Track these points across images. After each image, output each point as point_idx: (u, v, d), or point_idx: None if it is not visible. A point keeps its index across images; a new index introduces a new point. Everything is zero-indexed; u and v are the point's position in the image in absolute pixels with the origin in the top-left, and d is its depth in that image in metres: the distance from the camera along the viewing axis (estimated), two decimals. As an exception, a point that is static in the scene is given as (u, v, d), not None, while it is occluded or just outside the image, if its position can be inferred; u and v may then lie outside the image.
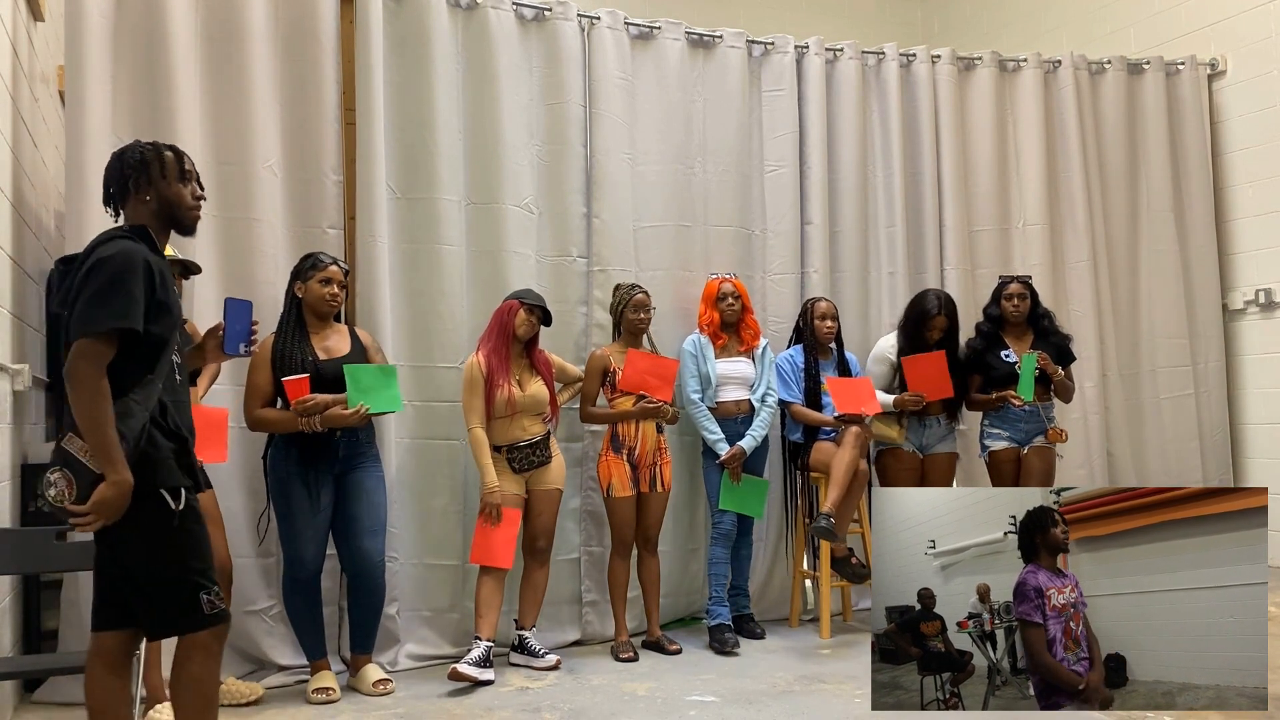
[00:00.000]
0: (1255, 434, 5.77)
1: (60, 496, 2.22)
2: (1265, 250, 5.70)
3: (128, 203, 2.48)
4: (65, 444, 2.23)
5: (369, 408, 3.61)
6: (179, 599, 2.32)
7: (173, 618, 2.34)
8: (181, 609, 2.33)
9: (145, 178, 2.46)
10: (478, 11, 4.40)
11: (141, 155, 2.48)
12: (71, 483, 2.21)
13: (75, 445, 2.22)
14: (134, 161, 2.48)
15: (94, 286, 2.25)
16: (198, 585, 2.33)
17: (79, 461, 2.21)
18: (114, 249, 2.31)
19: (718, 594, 4.35)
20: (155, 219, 2.47)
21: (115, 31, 3.81)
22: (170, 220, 2.50)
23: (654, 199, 4.71)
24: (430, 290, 4.22)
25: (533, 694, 3.68)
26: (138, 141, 2.52)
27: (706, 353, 4.41)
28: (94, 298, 2.24)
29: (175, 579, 2.32)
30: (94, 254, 2.31)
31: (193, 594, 2.32)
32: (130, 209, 2.48)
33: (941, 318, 4.56)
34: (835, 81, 5.14)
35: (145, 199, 2.45)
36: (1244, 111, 5.81)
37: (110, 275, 2.26)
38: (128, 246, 2.32)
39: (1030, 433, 4.63)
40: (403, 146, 4.23)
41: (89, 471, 2.21)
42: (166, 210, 2.49)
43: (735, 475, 4.33)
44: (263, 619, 3.89)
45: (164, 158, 2.49)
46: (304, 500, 3.62)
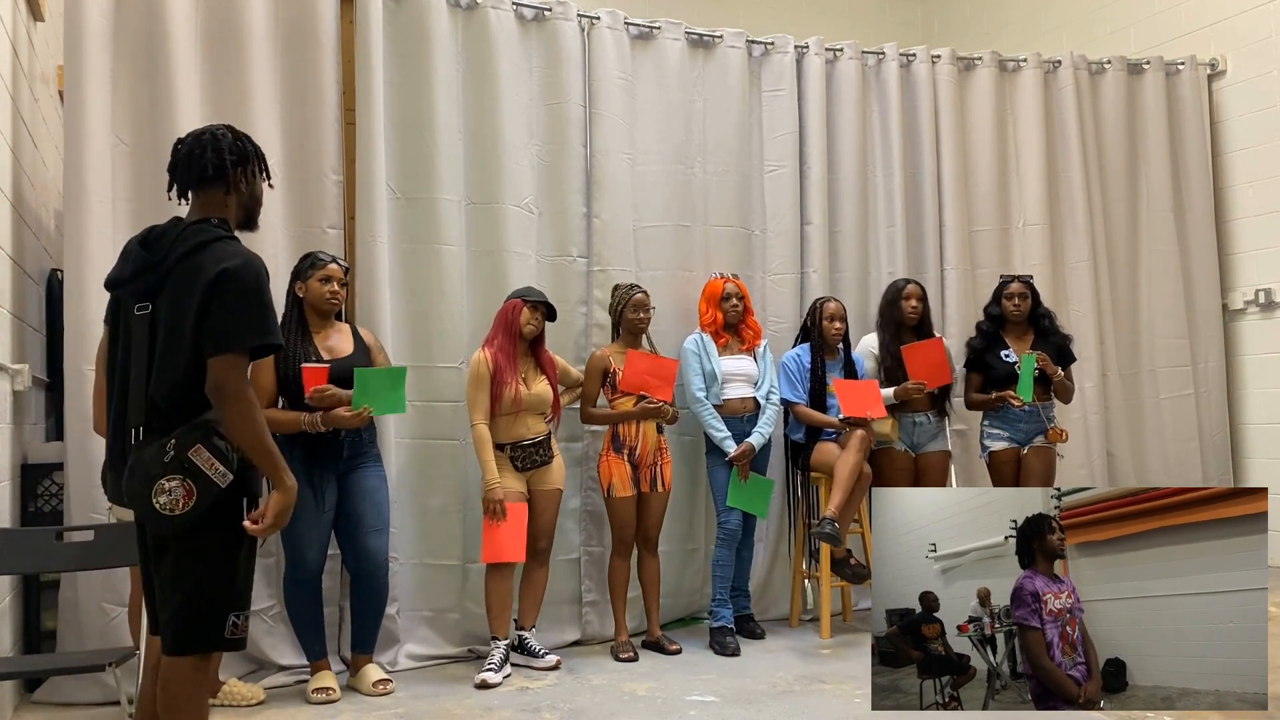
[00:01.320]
0: (1255, 434, 5.78)
1: (173, 505, 2.17)
2: (1265, 250, 5.70)
3: (206, 191, 2.36)
4: (192, 455, 2.18)
5: (372, 411, 3.61)
6: (209, 616, 2.25)
7: (192, 634, 2.26)
8: (206, 626, 2.25)
9: (248, 170, 2.38)
10: (478, 11, 4.39)
11: (243, 145, 2.39)
12: (192, 492, 2.17)
13: (203, 458, 2.19)
14: (238, 150, 2.37)
15: (235, 298, 2.20)
16: (235, 605, 2.28)
17: (204, 474, 2.18)
18: (241, 256, 2.24)
19: (721, 595, 4.35)
20: (235, 214, 2.39)
21: (115, 31, 3.81)
22: (248, 218, 2.44)
23: (654, 199, 4.71)
24: (430, 290, 4.22)
25: (533, 694, 3.68)
26: (223, 128, 2.39)
27: (710, 350, 4.41)
28: (239, 310, 2.20)
29: (218, 594, 2.26)
30: (219, 260, 2.21)
31: (223, 613, 2.26)
32: (209, 199, 2.36)
33: (913, 286, 4.66)
34: (835, 81, 5.14)
35: (238, 192, 2.38)
36: (1244, 111, 5.80)
37: (251, 286, 2.22)
38: (249, 253, 2.27)
39: (1030, 433, 4.63)
40: (403, 146, 4.23)
41: (214, 485, 2.19)
42: (252, 207, 2.43)
43: (744, 473, 4.33)
44: (263, 619, 3.88)
45: (260, 152, 2.43)
46: (307, 501, 3.61)
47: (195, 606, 2.24)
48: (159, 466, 2.18)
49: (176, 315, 2.23)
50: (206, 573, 2.24)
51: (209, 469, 2.19)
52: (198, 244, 2.26)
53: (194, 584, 2.24)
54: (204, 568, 2.24)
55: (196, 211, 2.37)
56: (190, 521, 2.19)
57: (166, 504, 2.18)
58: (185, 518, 2.19)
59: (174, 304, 2.24)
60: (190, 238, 2.28)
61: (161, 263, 2.28)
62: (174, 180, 2.39)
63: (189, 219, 2.35)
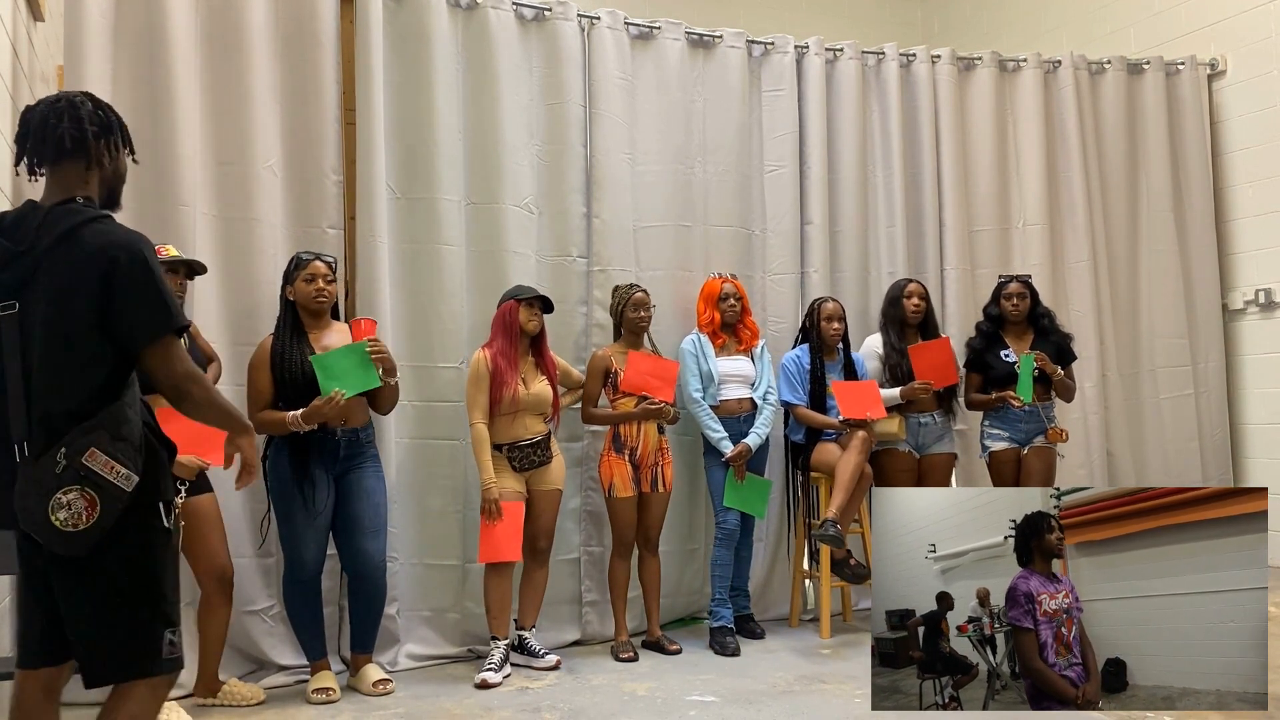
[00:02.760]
0: (1255, 434, 5.78)
1: (75, 520, 1.92)
2: (1265, 250, 5.70)
3: (65, 166, 2.09)
4: (87, 460, 1.93)
5: (345, 392, 3.55)
6: (141, 636, 2.02)
7: (126, 659, 2.02)
8: (141, 648, 2.02)
9: (111, 143, 2.14)
10: (478, 11, 4.39)
11: (105, 115, 2.14)
12: (95, 503, 1.93)
13: (99, 462, 1.94)
14: (100, 120, 2.12)
15: (143, 283, 2.01)
16: (167, 622, 2.05)
17: (105, 480, 1.94)
18: (126, 236, 2.04)
19: (720, 595, 4.35)
20: (97, 192, 2.13)
21: (115, 31, 3.81)
22: (111, 197, 2.18)
23: (654, 199, 4.71)
24: (430, 290, 4.22)
25: (533, 694, 3.68)
26: (82, 94, 2.14)
27: (707, 350, 4.41)
28: (153, 293, 2.02)
29: (147, 612, 2.03)
30: (106, 246, 2.00)
31: (158, 633, 2.03)
32: (68, 175, 2.09)
33: (916, 284, 4.66)
34: (835, 81, 5.14)
35: (100, 166, 2.12)
36: (1244, 111, 5.80)
37: (153, 266, 2.04)
38: (130, 231, 2.08)
39: (1030, 433, 4.63)
40: (403, 146, 4.23)
41: (118, 490, 1.96)
42: (115, 185, 2.18)
43: (740, 473, 4.33)
44: (263, 619, 3.89)
45: (122, 123, 2.18)
46: (305, 502, 3.61)
47: (124, 629, 2.01)
48: (52, 480, 1.92)
49: (60, 312, 1.99)
50: (130, 589, 2.01)
51: (109, 474, 1.95)
52: (70, 228, 2.01)
53: (117, 604, 2.00)
54: (126, 584, 2.01)
55: (56, 190, 2.09)
56: (99, 536, 1.95)
57: (68, 520, 1.92)
58: (93, 532, 1.94)
59: (55, 300, 1.99)
60: (59, 221, 2.02)
61: (27, 254, 2.00)
62: (23, 153, 2.10)
63: (48, 200, 2.09)
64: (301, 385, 3.59)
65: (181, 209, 3.80)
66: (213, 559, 3.49)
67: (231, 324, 3.91)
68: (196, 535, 3.43)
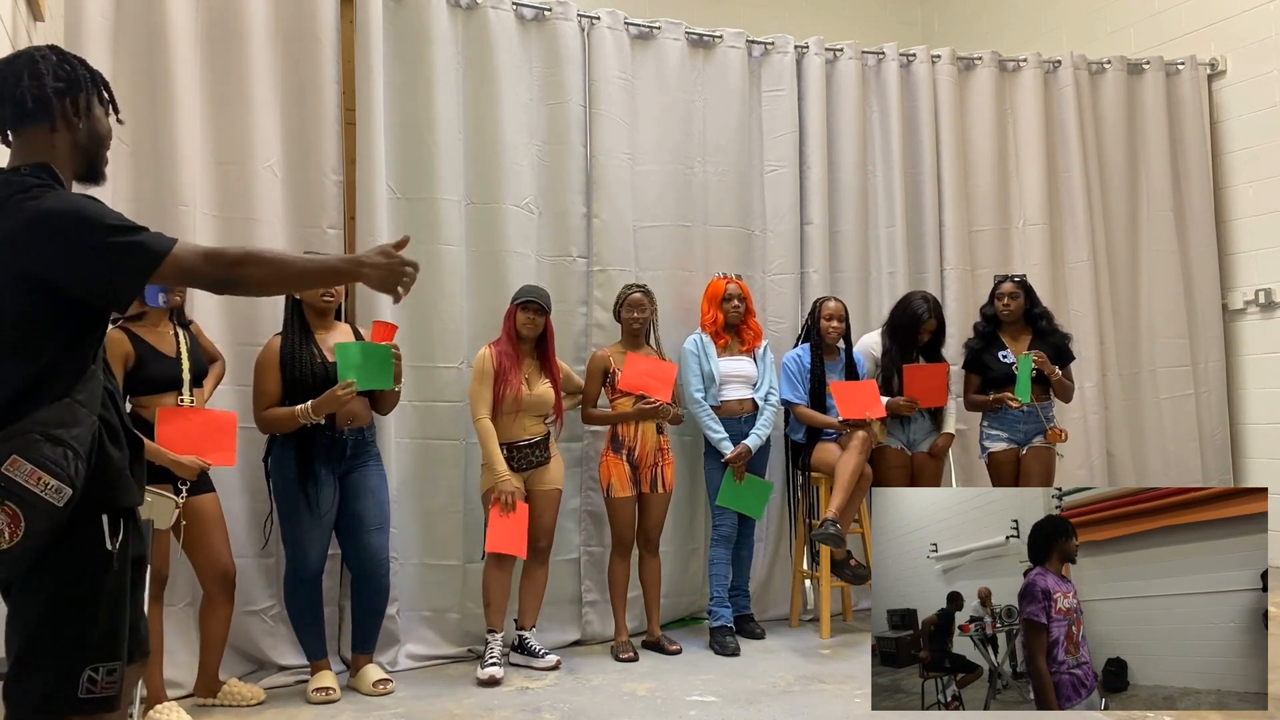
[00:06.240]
0: (1255, 434, 5.78)
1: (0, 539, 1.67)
2: (1265, 250, 5.70)
3: (27, 130, 1.82)
4: (8, 470, 1.66)
5: (356, 385, 3.55)
6: (53, 670, 1.74)
7: (34, 697, 1.74)
8: (53, 685, 1.73)
9: (79, 101, 1.85)
10: (478, 11, 4.39)
11: (71, 69, 1.84)
12: (18, 519, 1.67)
13: (23, 472, 1.67)
14: (65, 74, 1.83)
15: (99, 235, 1.73)
16: (92, 656, 1.75)
17: (30, 493, 1.67)
18: (61, 202, 1.74)
19: (719, 595, 4.35)
20: (68, 158, 1.85)
21: (115, 31, 3.81)
22: (90, 165, 1.90)
23: (654, 199, 4.71)
24: (430, 290, 4.21)
25: (533, 694, 3.68)
26: (47, 47, 1.85)
27: (709, 351, 4.41)
28: (112, 245, 1.74)
29: (66, 644, 1.75)
30: (39, 218, 1.72)
31: (76, 668, 1.74)
32: (31, 140, 1.82)
33: (931, 320, 4.59)
34: (835, 81, 5.14)
35: (69, 129, 1.84)
36: (1244, 111, 5.80)
37: (95, 217, 1.74)
38: (71, 195, 1.78)
39: (1029, 433, 4.63)
40: (403, 146, 4.23)
41: (47, 505, 1.68)
42: (94, 149, 1.89)
43: (739, 474, 4.32)
44: (263, 619, 3.89)
45: (100, 79, 1.90)
46: (309, 501, 3.62)
47: (36, 662, 1.74)
48: None
49: None
50: (49, 615, 1.74)
51: (36, 485, 1.67)
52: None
53: (34, 630, 1.75)
54: (47, 610, 1.75)
55: (16, 158, 1.84)
56: (28, 555, 1.70)
57: None
58: (18, 551, 1.68)
59: None
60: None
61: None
62: None
63: None
64: (310, 385, 3.59)
65: (181, 209, 3.80)
66: (215, 559, 3.49)
67: (232, 324, 3.91)
68: (198, 535, 3.43)
